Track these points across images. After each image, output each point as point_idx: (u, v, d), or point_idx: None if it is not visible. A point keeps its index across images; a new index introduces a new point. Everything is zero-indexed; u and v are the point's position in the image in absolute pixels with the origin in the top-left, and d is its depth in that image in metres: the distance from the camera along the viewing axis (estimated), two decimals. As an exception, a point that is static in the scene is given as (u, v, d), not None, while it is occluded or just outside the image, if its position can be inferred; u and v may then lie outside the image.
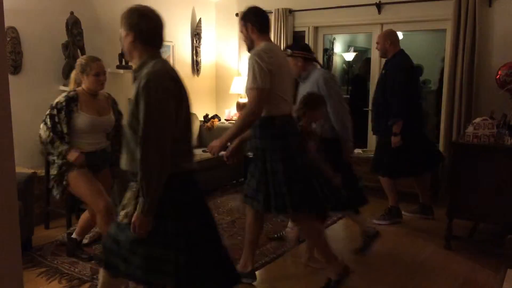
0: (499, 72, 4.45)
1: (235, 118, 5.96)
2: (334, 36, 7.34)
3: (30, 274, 3.14)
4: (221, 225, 4.21)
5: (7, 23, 3.91)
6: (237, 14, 6.09)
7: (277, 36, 5.73)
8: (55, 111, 3.04)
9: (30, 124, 3.77)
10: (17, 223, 1.92)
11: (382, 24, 5.18)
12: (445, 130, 4.87)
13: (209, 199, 4.62)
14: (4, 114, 1.80)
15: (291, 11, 5.72)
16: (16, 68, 4.13)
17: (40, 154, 3.89)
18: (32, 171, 3.63)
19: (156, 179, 1.92)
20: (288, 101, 2.82)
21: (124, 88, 5.19)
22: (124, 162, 2.09)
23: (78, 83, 3.19)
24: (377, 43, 4.29)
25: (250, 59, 2.69)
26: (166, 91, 1.94)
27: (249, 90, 2.68)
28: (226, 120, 6.14)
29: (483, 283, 3.13)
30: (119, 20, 5.23)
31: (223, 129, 5.13)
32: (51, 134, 3.02)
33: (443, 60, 5.57)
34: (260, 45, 2.76)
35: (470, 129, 3.59)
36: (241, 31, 2.88)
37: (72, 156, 3.03)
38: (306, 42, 5.84)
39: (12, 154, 1.87)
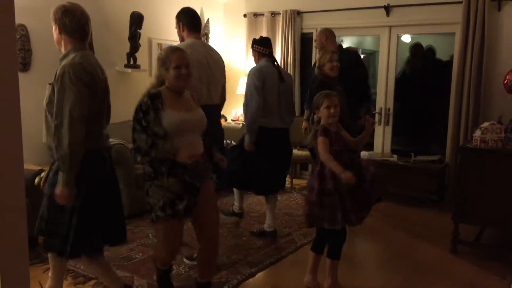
0: (507, 77, 4.44)
1: (241, 118, 5.96)
2: (342, 38, 7.33)
3: (37, 270, 3.17)
4: (225, 225, 4.21)
5: (18, 20, 3.95)
6: (245, 15, 6.10)
7: (285, 37, 5.74)
8: (140, 115, 2.44)
9: (38, 121, 3.78)
10: (24, 219, 1.94)
11: (390, 27, 5.17)
12: (452, 134, 4.84)
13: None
14: (14, 111, 1.82)
15: (299, 13, 5.72)
16: (25, 66, 4.16)
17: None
18: (40, 167, 3.65)
19: (69, 158, 2.25)
20: (203, 92, 3.21)
21: (132, 87, 5.22)
22: (44, 137, 2.50)
23: (161, 81, 2.58)
24: (315, 40, 4.45)
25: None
26: (78, 82, 2.26)
27: None
28: (233, 120, 6.14)
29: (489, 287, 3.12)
30: (127, 19, 5.27)
31: (229, 129, 5.15)
32: (145, 135, 2.40)
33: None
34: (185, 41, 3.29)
35: (477, 133, 3.58)
36: (176, 29, 3.43)
37: (184, 155, 2.42)
38: (314, 44, 5.85)
39: (21, 151, 1.88)
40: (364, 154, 5.44)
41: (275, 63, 3.87)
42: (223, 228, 4.12)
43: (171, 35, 5.67)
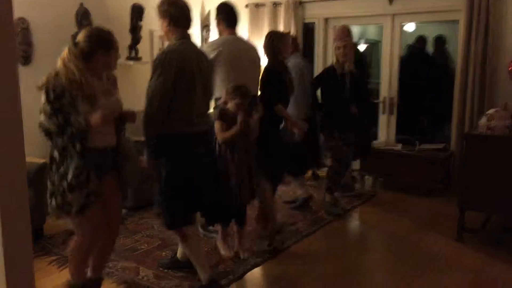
0: (512, 64, 4.39)
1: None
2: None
3: (42, 262, 3.17)
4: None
5: (18, 13, 3.93)
6: (246, 6, 6.06)
7: (286, 27, 5.69)
8: (52, 95, 2.29)
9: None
10: (27, 211, 1.93)
11: (393, 15, 5.13)
12: (458, 122, 4.80)
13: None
14: (15, 105, 1.81)
15: (301, 2, 5.68)
16: (27, 59, 4.14)
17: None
18: (43, 161, 3.64)
19: (148, 129, 2.56)
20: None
21: (133, 80, 5.19)
22: None
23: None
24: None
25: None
26: (166, 67, 2.47)
27: None
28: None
29: (495, 275, 3.10)
30: (128, 12, 5.23)
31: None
32: (55, 117, 2.27)
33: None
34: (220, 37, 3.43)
35: (483, 120, 3.54)
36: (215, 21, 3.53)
37: (96, 116, 2.29)
38: (316, 33, 5.80)
39: (22, 143, 1.87)
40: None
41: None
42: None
43: (172, 27, 5.64)
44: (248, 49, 3.48)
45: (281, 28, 5.73)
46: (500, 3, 4.49)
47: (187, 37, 2.61)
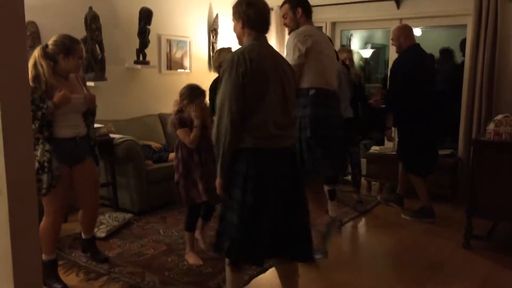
0: (521, 69, 4.36)
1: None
2: (351, 32, 7.27)
3: (49, 266, 3.18)
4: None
5: (28, 17, 3.96)
6: (235, 9, 6.06)
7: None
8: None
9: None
10: (36, 216, 1.94)
11: (400, 20, 5.11)
12: (465, 127, 4.78)
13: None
14: (24, 109, 1.82)
15: (308, 7, 5.68)
16: (36, 63, 4.18)
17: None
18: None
19: (222, 145, 2.22)
20: (327, 77, 3.15)
21: (141, 83, 5.22)
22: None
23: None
24: (392, 39, 4.26)
25: (290, 38, 3.14)
26: (233, 73, 2.20)
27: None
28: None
29: (503, 283, 3.08)
30: (136, 15, 5.25)
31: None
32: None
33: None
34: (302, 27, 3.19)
35: (491, 126, 3.52)
36: (285, 16, 3.27)
37: (57, 96, 2.73)
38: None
39: (31, 149, 1.88)
40: (374, 148, 5.40)
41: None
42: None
43: (180, 31, 5.67)
44: (327, 40, 3.42)
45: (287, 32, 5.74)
46: (509, 7, 4.46)
47: (263, 39, 2.36)
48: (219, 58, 4.00)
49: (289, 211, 2.32)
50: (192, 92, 3.23)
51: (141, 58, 5.07)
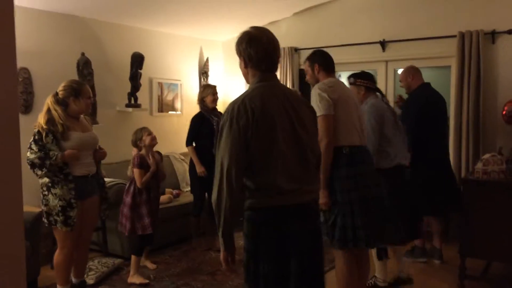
0: (505, 108, 4.46)
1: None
2: (339, 73, 7.43)
3: (34, 316, 3.09)
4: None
5: (20, 64, 4.02)
6: (237, 48, 6.20)
7: (283, 73, 5.82)
8: (37, 136, 2.96)
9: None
10: (23, 265, 1.90)
11: (386, 62, 5.26)
12: (454, 166, 4.81)
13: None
14: (14, 153, 1.82)
15: (296, 50, 5.83)
16: (27, 108, 4.20)
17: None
18: (39, 210, 3.62)
19: (223, 211, 1.90)
20: (357, 131, 2.87)
21: (132, 126, 5.24)
22: None
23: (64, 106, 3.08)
24: (400, 81, 4.36)
25: (313, 91, 2.86)
26: (232, 125, 1.90)
27: (319, 120, 2.66)
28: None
29: (499, 325, 3.03)
30: (128, 60, 5.35)
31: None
32: (39, 152, 2.91)
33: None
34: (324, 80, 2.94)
35: (479, 165, 3.56)
36: (306, 72, 3.09)
37: (67, 153, 2.95)
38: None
39: (20, 194, 1.87)
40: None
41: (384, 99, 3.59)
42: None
43: (171, 74, 5.77)
44: (351, 92, 3.16)
45: (278, 74, 5.85)
46: (491, 49, 4.62)
47: (270, 78, 2.04)
48: (202, 94, 4.55)
49: (308, 280, 2.00)
50: (137, 131, 3.87)
51: (132, 101, 5.12)
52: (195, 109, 6.12)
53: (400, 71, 5.54)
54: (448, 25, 4.80)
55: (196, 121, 4.58)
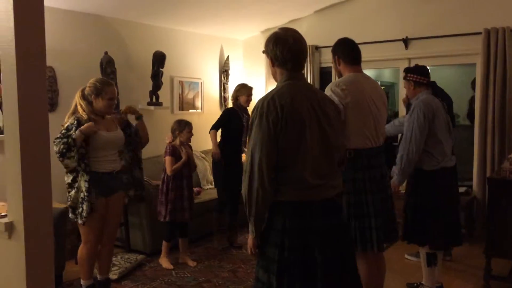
0: (533, 106, 4.36)
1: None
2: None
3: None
4: (249, 262, 4.14)
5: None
6: (263, 51, 6.21)
7: (304, 72, 5.79)
8: (64, 131, 3.00)
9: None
10: (52, 257, 1.94)
11: (409, 59, 5.18)
12: (478, 166, 4.74)
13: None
14: (44, 149, 1.86)
15: (317, 48, 5.80)
16: (52, 106, 4.28)
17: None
18: (64, 206, 3.68)
19: (254, 202, 1.97)
20: (368, 134, 2.73)
21: (154, 124, 5.29)
22: None
23: (86, 107, 3.13)
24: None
25: (326, 90, 2.73)
26: (263, 121, 1.96)
27: None
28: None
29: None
30: (150, 59, 5.38)
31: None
32: (64, 138, 2.94)
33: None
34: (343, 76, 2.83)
35: (506, 164, 3.49)
36: (332, 63, 2.98)
37: (84, 127, 2.97)
38: (333, 77, 5.88)
39: (50, 191, 1.91)
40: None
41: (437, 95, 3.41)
42: (247, 264, 4.05)
43: (192, 72, 5.80)
44: (376, 86, 2.94)
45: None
46: (517, 46, 4.51)
47: (297, 78, 2.10)
48: (237, 92, 4.64)
49: (343, 272, 2.03)
50: (180, 123, 4.08)
51: (154, 100, 5.16)
52: (216, 107, 6.18)
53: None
54: (473, 22, 4.71)
55: (227, 113, 4.70)
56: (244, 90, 4.66)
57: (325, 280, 1.96)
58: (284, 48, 2.05)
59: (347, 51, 2.86)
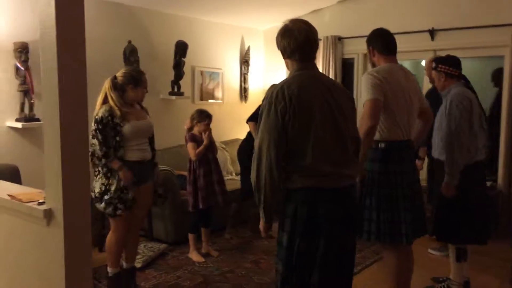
0: None
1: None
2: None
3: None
4: (271, 253, 4.14)
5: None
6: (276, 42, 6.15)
7: (325, 63, 5.73)
8: (100, 126, 3.00)
9: (88, 149, 3.88)
10: (90, 249, 1.94)
11: (435, 51, 5.09)
12: (505, 159, 4.66)
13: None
14: (83, 137, 1.86)
15: (340, 39, 5.72)
16: (76, 95, 4.29)
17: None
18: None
19: (263, 190, 2.01)
20: (401, 126, 2.68)
21: (174, 114, 5.30)
22: None
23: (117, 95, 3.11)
24: (426, 69, 4.20)
25: (364, 76, 2.72)
26: (274, 108, 1.99)
27: (364, 104, 2.62)
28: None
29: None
30: (172, 48, 5.36)
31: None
32: (103, 146, 2.98)
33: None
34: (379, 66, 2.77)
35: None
36: (367, 54, 2.95)
37: (124, 174, 3.02)
38: (355, 69, 5.81)
39: (88, 179, 1.91)
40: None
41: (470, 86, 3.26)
42: (269, 255, 4.05)
43: (213, 63, 5.78)
44: (411, 76, 2.85)
45: (319, 64, 5.78)
46: (547, 38, 4.41)
47: (308, 67, 2.13)
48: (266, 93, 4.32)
49: (341, 263, 2.08)
50: (201, 114, 4.02)
51: (175, 90, 5.16)
52: (236, 98, 6.17)
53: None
54: (501, 13, 4.59)
55: None
56: None
57: (323, 270, 2.02)
58: (291, 40, 2.11)
59: (382, 41, 2.82)
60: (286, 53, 2.15)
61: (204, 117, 4.02)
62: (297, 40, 2.10)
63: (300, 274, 2.03)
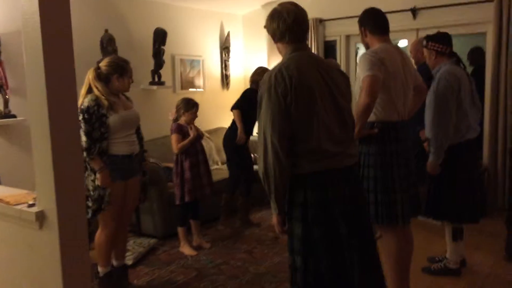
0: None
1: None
2: (358, 45, 7.22)
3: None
4: (264, 242, 4.08)
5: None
6: (265, 27, 6.02)
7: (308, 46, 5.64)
8: (87, 115, 2.83)
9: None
10: (87, 251, 1.83)
11: (417, 30, 5.06)
12: (490, 136, 4.70)
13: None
14: (75, 132, 1.73)
15: (321, 21, 5.65)
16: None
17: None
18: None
19: (272, 179, 1.94)
20: (398, 107, 2.64)
21: (156, 104, 5.14)
22: None
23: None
24: (410, 51, 4.15)
25: (361, 56, 2.64)
26: (274, 91, 1.93)
27: (363, 80, 2.53)
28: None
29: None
30: (150, 36, 5.18)
31: (254, 142, 5.00)
32: (88, 140, 2.82)
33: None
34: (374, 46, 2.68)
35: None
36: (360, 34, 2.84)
37: (103, 177, 2.86)
38: (338, 51, 5.75)
39: (82, 177, 1.79)
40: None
41: (461, 64, 3.24)
42: (262, 244, 4.00)
43: (193, 50, 5.62)
44: (406, 57, 2.79)
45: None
46: (529, 13, 4.42)
47: (301, 49, 2.07)
48: (259, 75, 4.20)
49: (358, 242, 2.00)
50: (188, 103, 3.87)
51: (156, 79, 5.00)
52: (218, 85, 6.03)
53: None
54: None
55: (249, 93, 4.45)
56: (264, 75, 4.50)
57: (350, 251, 1.97)
58: (280, 21, 2.05)
59: (374, 20, 2.73)
60: (277, 36, 2.10)
61: (191, 106, 3.88)
62: (286, 21, 2.05)
63: (323, 263, 1.95)
